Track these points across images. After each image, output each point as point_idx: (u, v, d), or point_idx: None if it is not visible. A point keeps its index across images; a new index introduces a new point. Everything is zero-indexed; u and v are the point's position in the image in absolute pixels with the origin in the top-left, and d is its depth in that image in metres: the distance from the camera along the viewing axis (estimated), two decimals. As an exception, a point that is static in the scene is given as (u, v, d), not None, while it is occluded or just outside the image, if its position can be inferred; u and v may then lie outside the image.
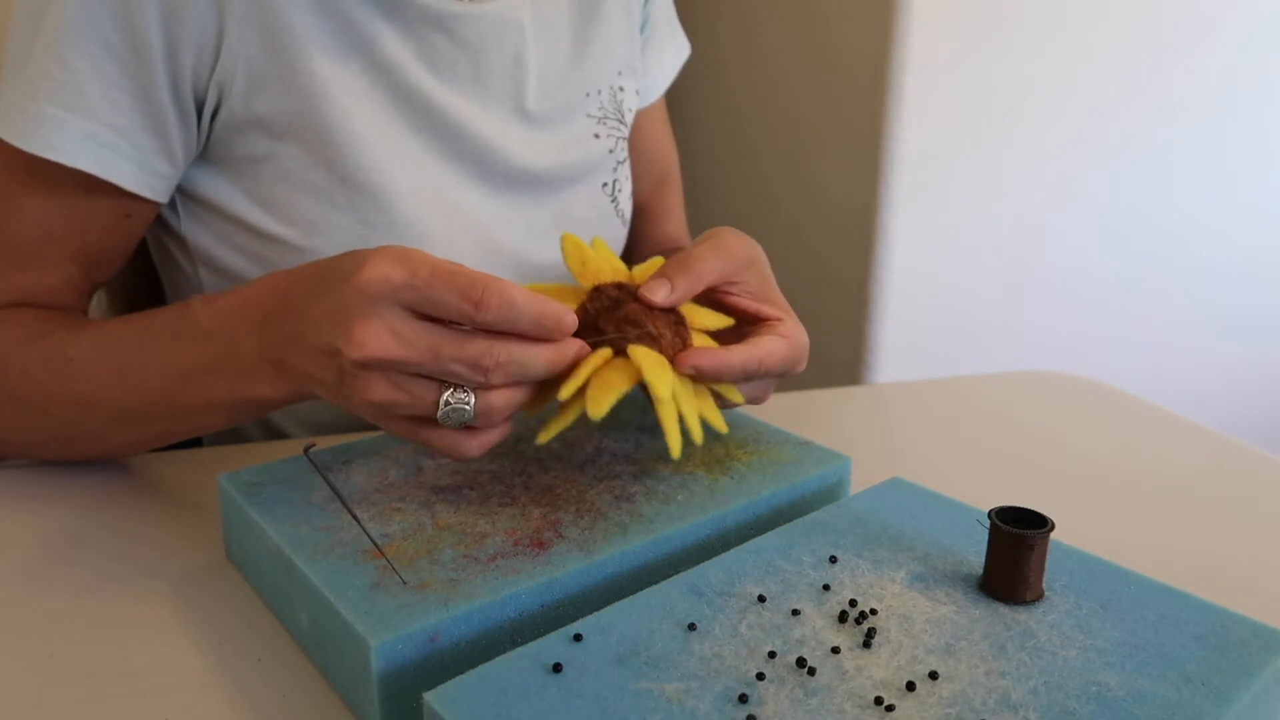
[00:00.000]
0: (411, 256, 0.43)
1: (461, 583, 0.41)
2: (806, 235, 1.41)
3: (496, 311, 0.42)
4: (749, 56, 1.51)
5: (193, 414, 0.54)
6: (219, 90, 0.60)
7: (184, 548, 0.52)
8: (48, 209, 0.60)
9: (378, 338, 0.42)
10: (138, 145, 0.59)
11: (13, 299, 0.61)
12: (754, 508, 0.49)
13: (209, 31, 0.59)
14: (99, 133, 0.57)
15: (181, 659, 0.43)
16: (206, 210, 0.65)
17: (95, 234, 0.61)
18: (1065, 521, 0.46)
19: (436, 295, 0.42)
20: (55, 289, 0.62)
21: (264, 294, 0.50)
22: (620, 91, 0.78)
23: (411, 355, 0.42)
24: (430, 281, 0.42)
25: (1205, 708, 0.34)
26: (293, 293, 0.48)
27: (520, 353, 0.43)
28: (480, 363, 0.43)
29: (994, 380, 0.85)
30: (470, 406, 0.44)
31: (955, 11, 1.20)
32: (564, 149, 0.73)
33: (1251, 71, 1.38)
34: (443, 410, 0.44)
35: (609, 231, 0.78)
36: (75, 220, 0.60)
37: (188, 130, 0.61)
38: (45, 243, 0.60)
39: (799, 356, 0.54)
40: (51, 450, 0.60)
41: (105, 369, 0.55)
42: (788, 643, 0.37)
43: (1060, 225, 1.35)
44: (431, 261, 0.43)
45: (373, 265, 0.42)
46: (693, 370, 0.48)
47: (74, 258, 0.61)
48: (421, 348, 0.42)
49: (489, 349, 0.43)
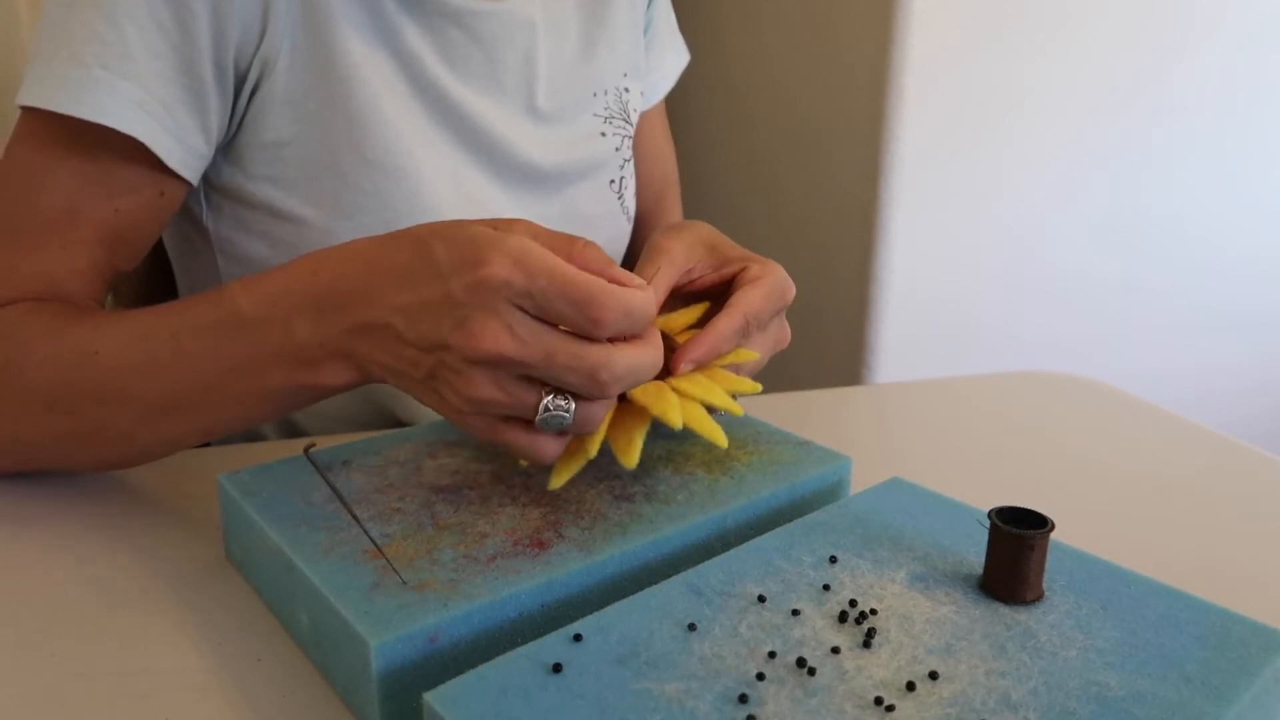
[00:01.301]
0: (530, 259, 0.41)
1: (461, 583, 0.41)
2: (807, 235, 1.41)
3: (614, 327, 0.41)
4: (750, 56, 1.51)
5: (243, 405, 0.51)
6: (262, 66, 0.60)
7: (184, 548, 0.52)
8: (81, 182, 0.57)
9: (496, 336, 0.41)
10: (178, 120, 0.58)
11: (35, 288, 0.57)
12: (754, 508, 0.49)
13: (256, 8, 0.59)
14: (146, 101, 0.56)
15: (181, 659, 0.43)
16: (229, 198, 0.65)
17: (128, 211, 0.59)
18: (1065, 521, 0.46)
19: (555, 305, 0.41)
20: (79, 272, 0.58)
21: (311, 278, 0.47)
22: (625, 92, 0.79)
23: (528, 356, 0.41)
24: (549, 290, 0.41)
25: (1205, 708, 0.34)
26: (350, 280, 0.46)
27: (635, 361, 0.42)
28: (598, 376, 0.41)
29: (994, 380, 0.85)
30: (570, 414, 0.43)
31: (955, 11, 1.20)
32: (572, 146, 0.75)
33: (1251, 71, 1.38)
34: (541, 416, 0.43)
35: (615, 227, 0.79)
36: (109, 194, 0.58)
37: (224, 108, 0.61)
38: (72, 220, 0.58)
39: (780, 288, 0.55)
40: (75, 456, 0.56)
41: (135, 362, 0.51)
42: (788, 643, 0.37)
43: (1060, 225, 1.35)
44: (549, 266, 0.41)
45: (492, 266, 0.41)
46: (691, 365, 0.49)
47: (101, 237, 0.59)
48: (538, 350, 0.41)
49: (607, 361, 0.41)
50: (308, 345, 0.47)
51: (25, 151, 0.57)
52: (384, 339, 0.45)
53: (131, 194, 0.59)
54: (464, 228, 0.43)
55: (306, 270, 0.48)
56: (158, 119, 0.57)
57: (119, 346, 0.52)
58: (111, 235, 0.59)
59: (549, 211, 0.74)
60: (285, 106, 0.62)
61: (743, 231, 1.55)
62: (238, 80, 0.61)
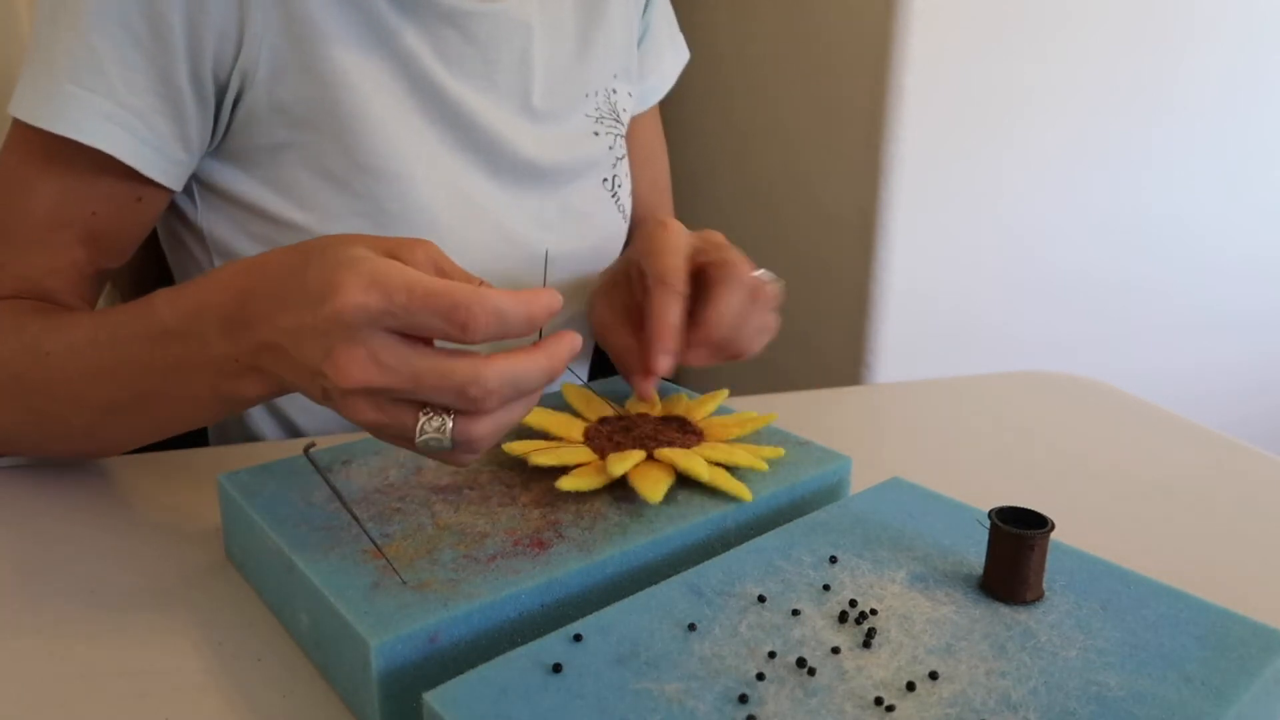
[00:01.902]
0: (385, 279, 0.40)
1: (461, 583, 0.41)
2: (807, 235, 1.41)
3: (485, 330, 0.39)
4: (749, 57, 1.51)
5: (181, 408, 0.53)
6: (242, 78, 0.61)
7: (184, 548, 0.52)
8: (61, 191, 0.60)
9: (360, 366, 0.40)
10: (154, 129, 0.59)
11: (17, 287, 0.61)
12: (754, 508, 0.49)
13: (231, 20, 0.59)
14: (117, 114, 0.58)
15: (181, 659, 0.43)
16: (224, 200, 0.66)
17: (105, 217, 0.61)
18: (1065, 521, 0.46)
19: (419, 320, 0.39)
20: (60, 271, 0.61)
21: (222, 294, 0.48)
22: (614, 94, 0.80)
23: (394, 383, 0.40)
24: (409, 306, 0.39)
25: (1205, 708, 0.34)
26: (253, 297, 0.46)
27: (513, 371, 0.41)
28: (467, 392, 0.40)
29: (994, 380, 0.85)
30: (447, 436, 0.41)
31: (955, 11, 1.20)
32: (566, 145, 0.75)
33: (1251, 71, 1.38)
34: (420, 439, 0.41)
35: (610, 225, 0.79)
36: (87, 202, 0.60)
37: (205, 118, 0.62)
38: (55, 225, 0.60)
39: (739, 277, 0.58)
40: (48, 447, 0.60)
41: (82, 365, 0.54)
42: (788, 643, 0.37)
43: (1060, 225, 1.35)
44: (407, 282, 0.39)
45: (346, 293, 0.39)
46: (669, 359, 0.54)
47: (83, 240, 0.61)
48: (405, 375, 0.40)
49: (476, 376, 0.40)
50: (223, 358, 0.47)
51: (14, 161, 0.60)
52: (282, 357, 0.44)
53: (108, 201, 0.61)
54: (344, 248, 0.42)
55: (220, 284, 0.48)
56: (131, 130, 0.58)
57: (69, 349, 0.54)
58: (92, 239, 0.62)
59: (546, 208, 0.74)
60: (274, 114, 0.63)
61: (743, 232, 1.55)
62: (218, 90, 0.61)
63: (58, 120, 0.57)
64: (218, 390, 0.49)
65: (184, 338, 0.49)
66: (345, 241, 0.43)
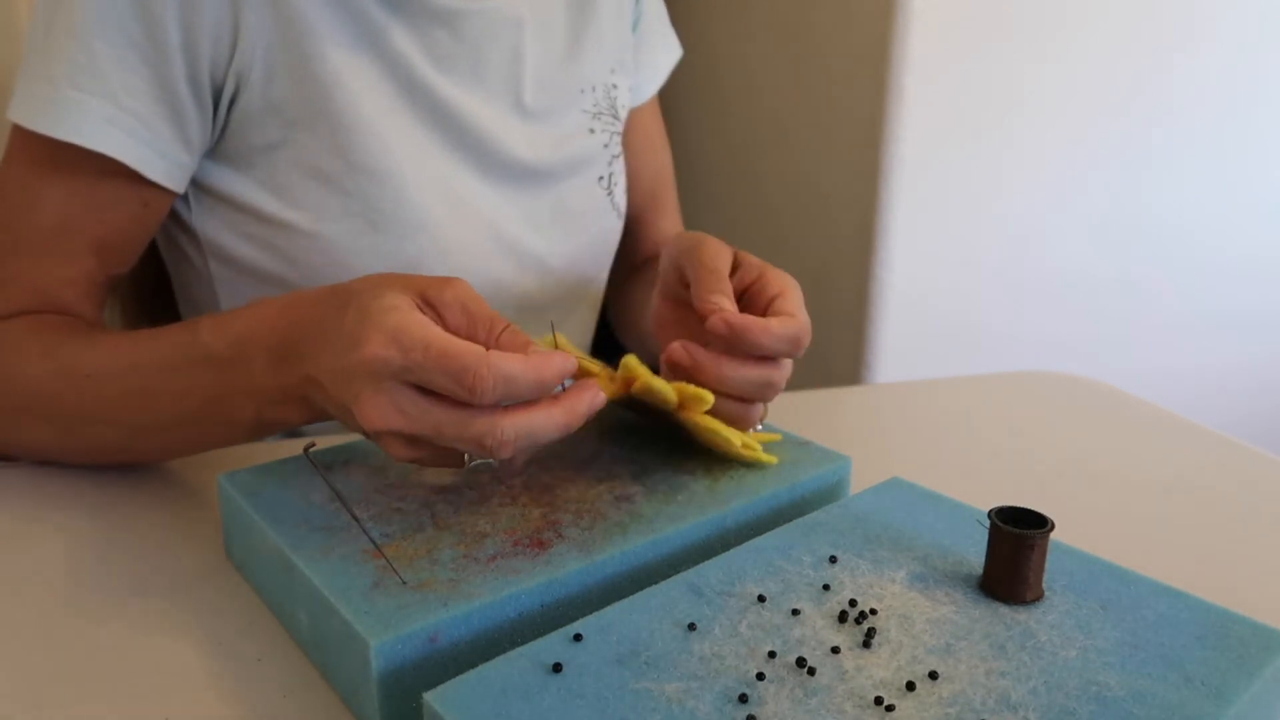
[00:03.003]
0: (405, 335, 0.41)
1: (461, 583, 0.41)
2: (807, 236, 1.41)
3: (493, 394, 0.41)
4: (749, 57, 1.51)
5: (221, 430, 0.54)
6: (238, 79, 0.61)
7: (184, 548, 0.52)
8: (67, 198, 0.60)
9: (383, 414, 0.42)
10: (156, 132, 0.60)
11: (32, 301, 0.61)
12: (754, 508, 0.49)
13: (225, 22, 0.60)
14: (119, 118, 0.58)
15: (181, 659, 0.43)
16: (218, 201, 0.66)
17: (114, 223, 0.62)
18: (1065, 521, 0.46)
19: (432, 379, 0.41)
20: (73, 281, 0.62)
21: (269, 324, 0.50)
22: (614, 89, 0.79)
23: (418, 430, 0.42)
24: (424, 364, 0.41)
25: (1205, 708, 0.34)
26: (300, 332, 0.48)
27: (528, 424, 0.42)
28: (484, 443, 0.42)
29: (994, 380, 0.85)
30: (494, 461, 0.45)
31: (955, 11, 1.20)
32: (560, 143, 0.75)
33: (1251, 71, 1.38)
34: (470, 465, 0.45)
35: (604, 223, 0.79)
36: (94, 208, 0.60)
37: (204, 120, 0.62)
38: (64, 233, 0.60)
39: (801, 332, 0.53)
40: (74, 460, 0.60)
41: (124, 387, 0.55)
42: (788, 643, 0.37)
43: (1060, 225, 1.35)
44: (425, 340, 0.41)
45: (370, 345, 0.42)
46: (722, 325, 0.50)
47: (92, 248, 0.62)
48: (427, 425, 0.42)
49: (492, 428, 0.42)
50: (270, 388, 0.50)
51: (17, 170, 0.60)
52: (325, 392, 0.46)
53: (116, 207, 0.61)
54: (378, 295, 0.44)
55: (267, 316, 0.51)
56: (132, 134, 0.59)
57: (110, 373, 0.55)
58: (101, 246, 0.62)
59: (538, 207, 0.74)
60: (268, 115, 0.63)
61: (743, 232, 1.55)
62: (214, 92, 0.62)
63: (59, 125, 0.57)
64: (261, 415, 0.51)
65: (231, 364, 0.51)
66: (382, 284, 0.45)
